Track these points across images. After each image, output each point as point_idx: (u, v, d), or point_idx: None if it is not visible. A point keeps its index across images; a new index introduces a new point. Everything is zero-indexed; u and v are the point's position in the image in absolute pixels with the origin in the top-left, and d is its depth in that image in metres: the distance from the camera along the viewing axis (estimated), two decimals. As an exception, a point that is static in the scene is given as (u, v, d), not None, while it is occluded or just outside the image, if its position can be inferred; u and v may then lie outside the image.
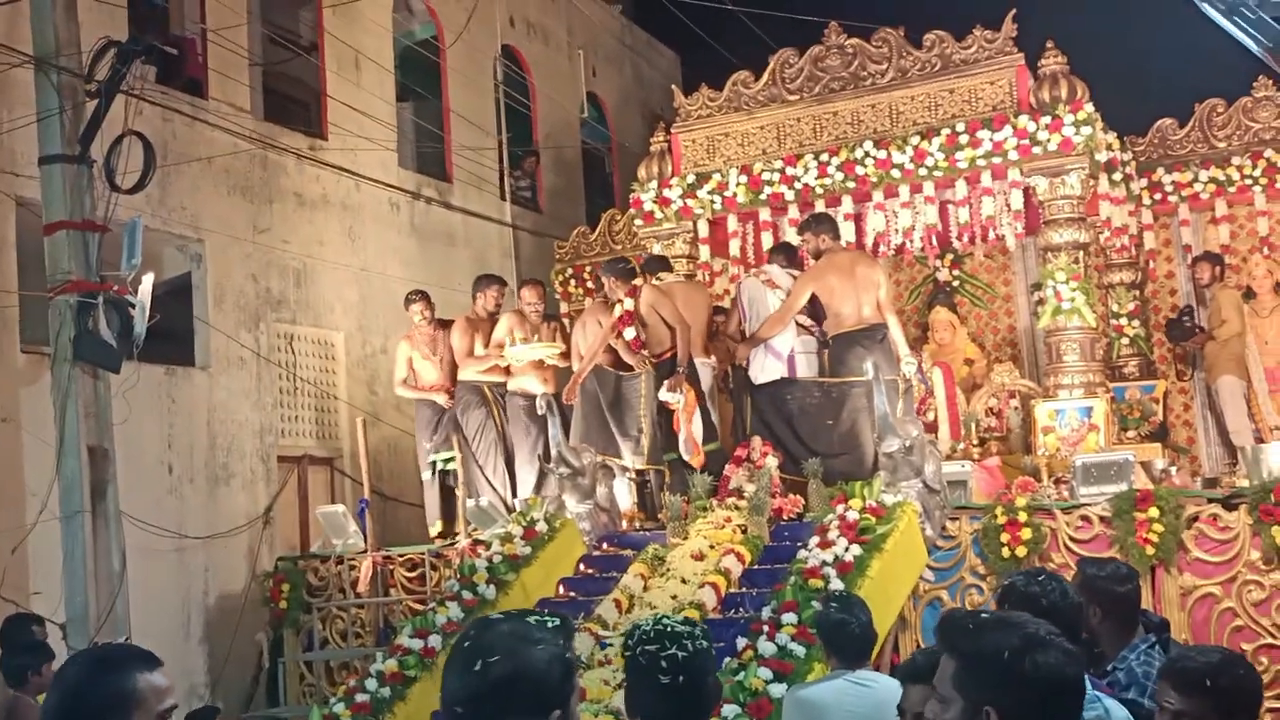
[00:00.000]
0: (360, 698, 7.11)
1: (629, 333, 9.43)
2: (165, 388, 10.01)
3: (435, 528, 10.38)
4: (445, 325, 10.63)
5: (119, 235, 8.06)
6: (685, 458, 9.18)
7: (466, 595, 7.99)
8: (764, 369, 9.16)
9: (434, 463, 10.46)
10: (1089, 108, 9.48)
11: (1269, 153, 10.73)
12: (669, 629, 3.19)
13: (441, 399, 10.48)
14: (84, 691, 2.44)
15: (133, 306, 7.93)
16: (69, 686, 2.47)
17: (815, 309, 9.27)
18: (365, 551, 9.76)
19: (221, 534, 10.31)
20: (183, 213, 10.36)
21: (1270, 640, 7.27)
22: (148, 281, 7.96)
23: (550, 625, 2.37)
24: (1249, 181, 10.80)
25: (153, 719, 2.45)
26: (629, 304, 9.39)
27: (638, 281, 9.58)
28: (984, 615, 2.52)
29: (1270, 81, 10.69)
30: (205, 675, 10.05)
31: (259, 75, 11.63)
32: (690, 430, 9.18)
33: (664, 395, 9.18)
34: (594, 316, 9.90)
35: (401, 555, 9.83)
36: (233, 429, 10.61)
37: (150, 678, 2.47)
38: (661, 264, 10.26)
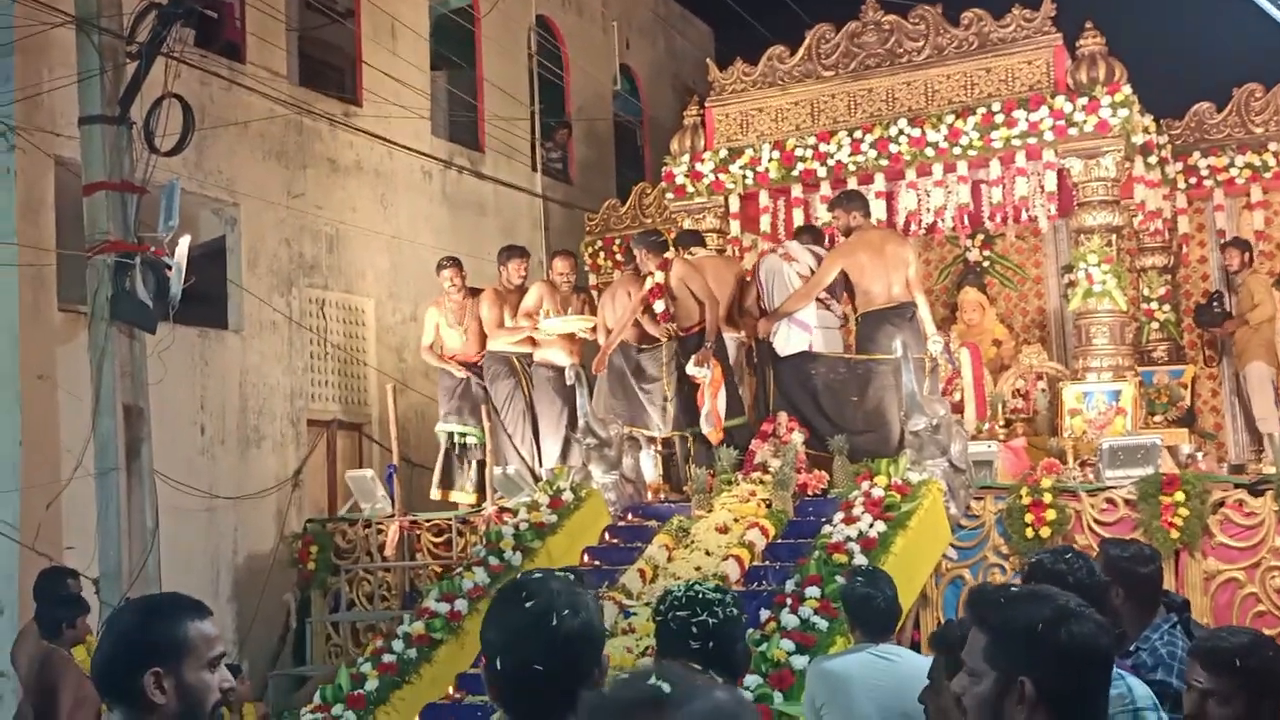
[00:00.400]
0: (387, 658, 7.22)
1: (658, 305, 9.48)
2: (199, 349, 10.12)
3: (435, 493, 10.50)
4: (474, 294, 10.68)
5: (157, 197, 8.14)
6: (705, 432, 9.22)
7: (493, 561, 8.08)
8: (789, 341, 9.19)
9: (450, 433, 10.55)
10: (1126, 90, 9.44)
11: (1306, 139, 10.67)
12: (701, 595, 3.26)
13: (458, 370, 10.54)
14: (136, 639, 2.50)
15: (169, 268, 8.02)
16: (121, 633, 2.53)
17: (833, 286, 9.31)
18: (393, 516, 9.87)
19: (251, 495, 10.43)
20: (219, 176, 10.44)
21: (1293, 626, 7.29)
22: (184, 243, 8.05)
23: (582, 585, 2.44)
24: (1285, 167, 10.74)
25: (204, 664, 2.51)
26: (659, 277, 9.43)
27: (669, 255, 9.62)
28: (1014, 589, 2.56)
29: (1311, 66, 10.63)
30: (233, 634, 10.18)
31: (295, 40, 11.68)
32: (715, 405, 9.22)
33: (691, 369, 9.22)
34: (623, 288, 9.94)
35: (428, 520, 9.93)
36: (264, 392, 10.71)
37: (200, 625, 2.53)
38: (694, 238, 10.28)
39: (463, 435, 10.49)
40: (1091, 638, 2.37)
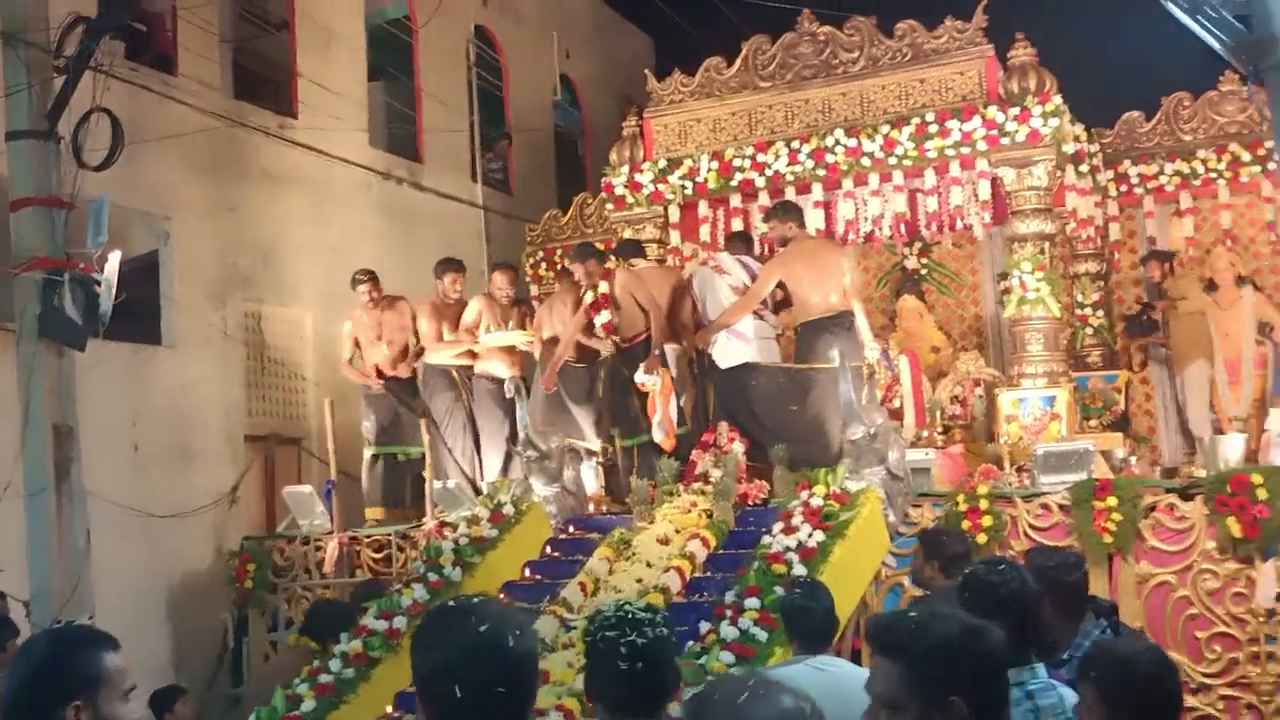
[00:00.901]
0: (324, 678, 7.12)
1: (603, 316, 9.48)
2: (131, 366, 9.97)
3: (372, 511, 10.44)
4: (392, 303, 10.63)
5: (86, 212, 8.04)
6: (658, 440, 9.23)
7: (432, 577, 8.01)
8: (728, 353, 9.22)
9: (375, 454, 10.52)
10: (1057, 100, 9.57)
11: (1233, 146, 10.85)
12: (630, 615, 3.24)
13: (375, 385, 10.50)
14: (54, 672, 2.45)
15: (99, 284, 7.92)
16: (38, 666, 2.48)
17: (768, 296, 9.37)
18: (331, 532, 9.77)
19: (186, 513, 10.28)
20: (150, 190, 10.30)
21: (1223, 628, 7.38)
22: (114, 259, 7.95)
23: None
24: (1213, 175, 10.92)
25: (119, 696, 2.47)
26: (604, 287, 9.43)
27: (610, 265, 9.64)
28: (913, 614, 2.56)
29: (1235, 76, 10.79)
30: (169, 654, 10.03)
31: (229, 52, 11.54)
32: (666, 412, 9.24)
33: (640, 378, 9.23)
34: (560, 300, 9.98)
35: (368, 536, 9.84)
36: (199, 408, 10.57)
37: (114, 658, 2.50)
38: (635, 248, 10.30)
39: (405, 456, 10.45)
40: (999, 647, 2.43)
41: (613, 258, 10.03)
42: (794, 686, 1.93)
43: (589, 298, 9.53)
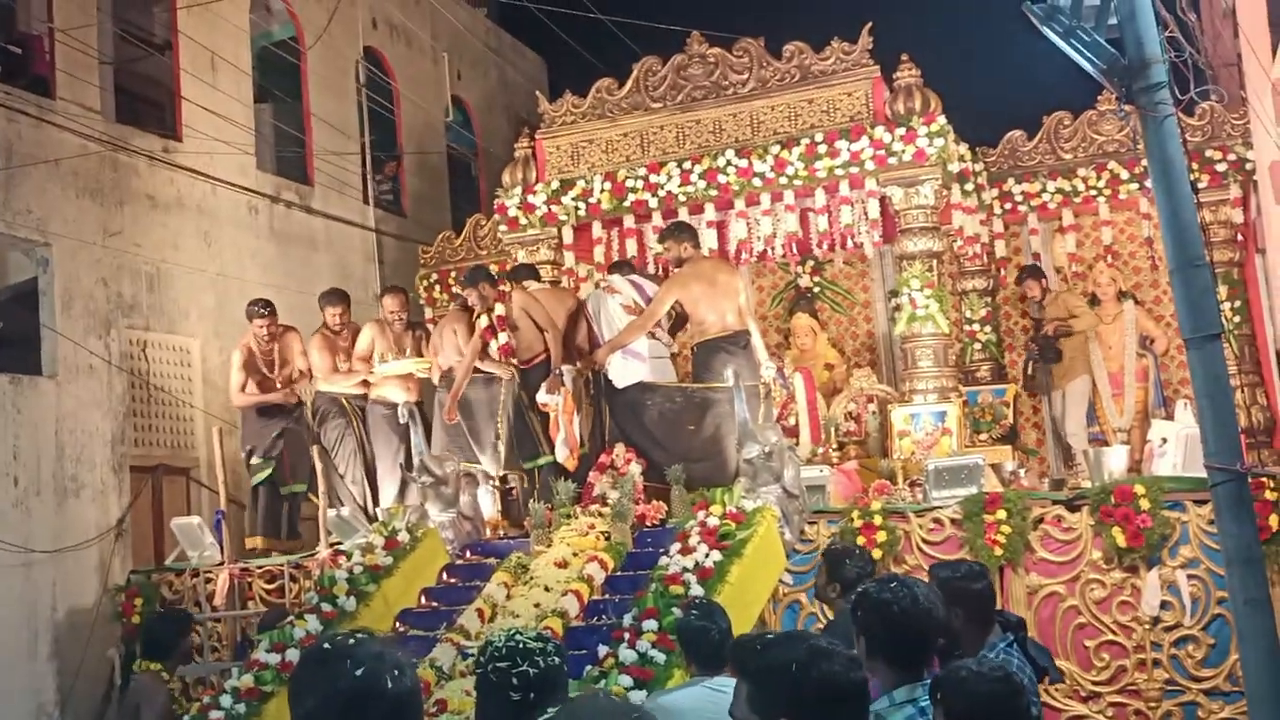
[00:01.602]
0: (215, 715, 6.95)
1: (500, 338, 9.42)
2: (10, 397, 9.66)
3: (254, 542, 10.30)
4: (287, 331, 10.53)
5: (-42, 240, 7.77)
6: (562, 459, 9.17)
7: (326, 607, 7.85)
8: (625, 372, 9.22)
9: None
10: (941, 120, 9.76)
11: (1112, 164, 11.12)
12: (521, 645, 3.21)
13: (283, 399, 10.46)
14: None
15: (-27, 314, 7.65)
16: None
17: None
18: (222, 564, 9.56)
19: (70, 547, 9.98)
20: (29, 216, 10.01)
21: (1111, 637, 7.57)
22: (-10, 288, 7.69)
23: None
24: (1094, 192, 11.19)
25: None
26: (499, 309, 9.37)
27: (505, 287, 9.60)
28: (770, 635, 2.61)
29: (1113, 95, 11.09)
30: (55, 693, 9.72)
31: (110, 75, 11.28)
32: (570, 430, 9.19)
33: (542, 398, 9.18)
34: (449, 326, 9.92)
35: (260, 567, 9.65)
36: (82, 439, 10.27)
37: None
38: (529, 271, 10.26)
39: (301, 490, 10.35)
40: (841, 674, 2.45)
41: (506, 281, 9.98)
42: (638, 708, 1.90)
43: (483, 321, 9.47)
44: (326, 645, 2.30)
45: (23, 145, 9.93)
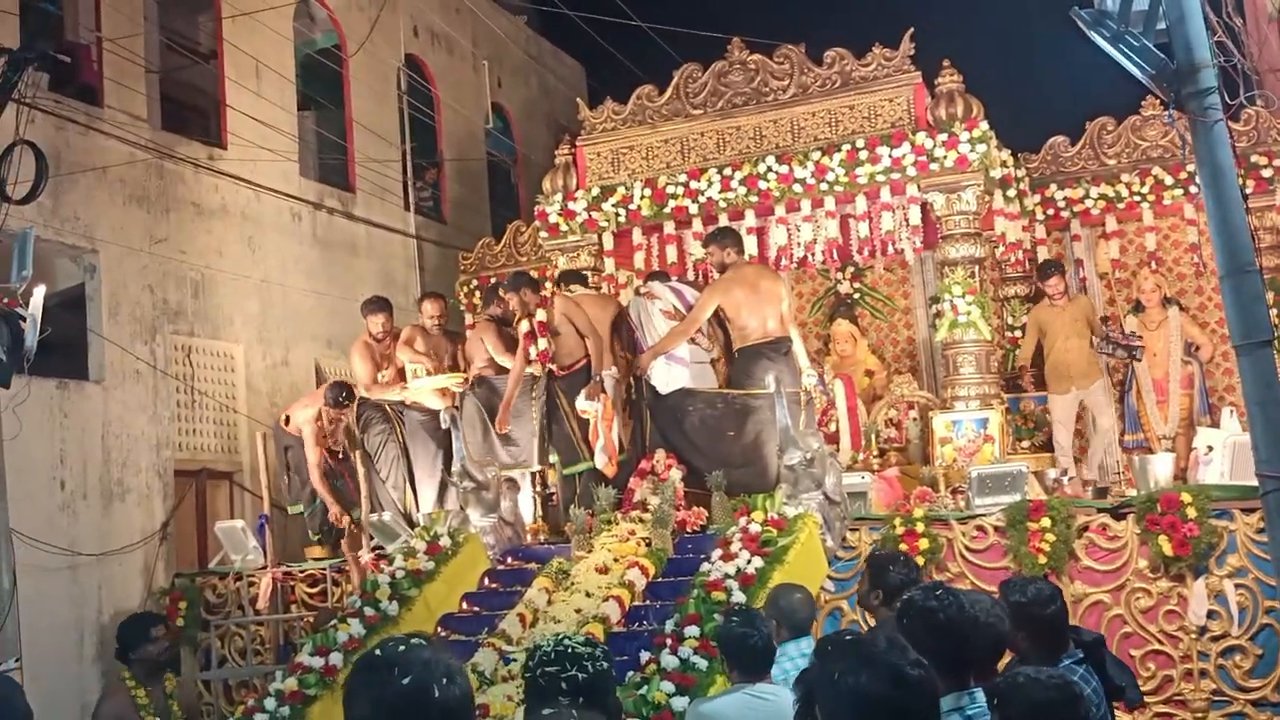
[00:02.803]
0: (259, 717, 7.01)
1: (540, 344, 9.46)
2: (57, 402, 9.78)
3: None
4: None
5: (9, 246, 7.85)
6: (600, 465, 9.18)
7: (369, 611, 7.92)
8: (669, 378, 9.22)
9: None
10: (984, 125, 9.70)
11: (1156, 170, 11.04)
12: (570, 650, 3.22)
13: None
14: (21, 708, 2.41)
15: (24, 319, 7.71)
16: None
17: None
18: (265, 567, 9.63)
19: (116, 550, 10.09)
20: (76, 223, 10.14)
21: (1157, 646, 7.49)
22: (39, 294, 7.76)
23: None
24: (1137, 198, 11.11)
25: None
26: (541, 315, 9.41)
27: (546, 292, 9.65)
28: (849, 638, 2.61)
29: (1157, 101, 11.01)
30: (99, 695, 9.80)
31: (156, 83, 11.42)
32: (609, 438, 9.20)
33: (582, 404, 9.19)
34: (479, 335, 10.00)
35: (302, 571, 9.72)
36: (128, 443, 10.39)
37: None
38: (575, 276, 10.31)
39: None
40: (863, 686, 2.46)
41: (556, 285, 10.03)
42: None
43: (525, 327, 9.50)
44: (377, 651, 2.32)
45: (71, 153, 10.05)
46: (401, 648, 2.32)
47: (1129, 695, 5.11)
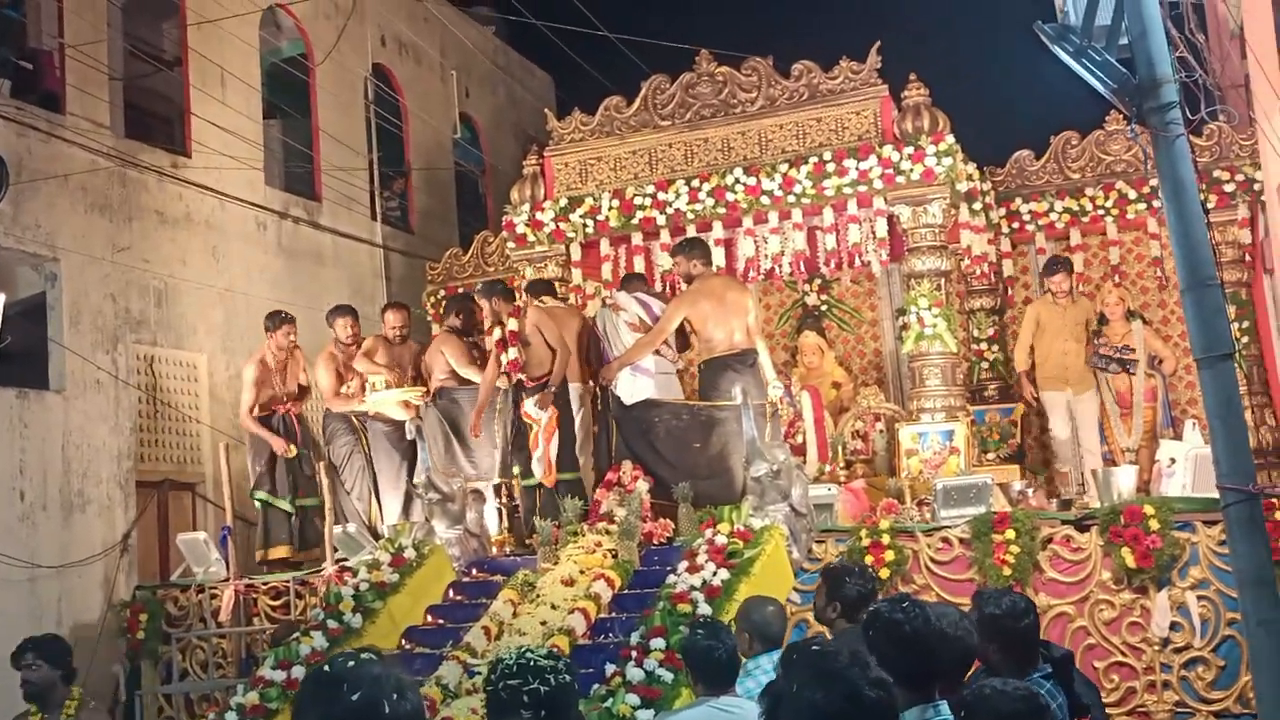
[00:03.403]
0: (221, 732, 6.94)
1: (511, 353, 9.43)
2: (17, 411, 9.66)
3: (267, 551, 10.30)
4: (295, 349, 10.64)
5: (-32, 255, 7.78)
6: (538, 478, 9.16)
7: (332, 624, 7.86)
8: (634, 389, 9.21)
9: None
10: (950, 139, 9.75)
11: (1120, 184, 11.11)
12: (532, 663, 3.19)
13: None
14: None
15: (-18, 328, 7.65)
16: None
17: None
18: (227, 579, 9.54)
19: (76, 562, 9.97)
20: (37, 230, 10.03)
21: (1120, 658, 7.52)
22: (-1, 302, 7.70)
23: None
24: (1101, 212, 11.18)
25: None
26: (512, 324, 9.38)
27: (520, 302, 9.62)
28: (814, 648, 2.58)
29: (1120, 116, 11.10)
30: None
31: (120, 90, 11.31)
32: (547, 450, 9.17)
33: (529, 408, 9.15)
34: (439, 347, 9.98)
35: (265, 583, 9.63)
36: (89, 454, 10.27)
37: None
38: (545, 286, 10.28)
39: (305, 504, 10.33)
40: (816, 703, 2.42)
41: (525, 295, 10.00)
42: None
43: (497, 334, 9.47)
44: (326, 667, 2.29)
45: (32, 160, 9.95)
46: (351, 663, 2.28)
47: (1094, 715, 5.11)
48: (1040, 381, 10.83)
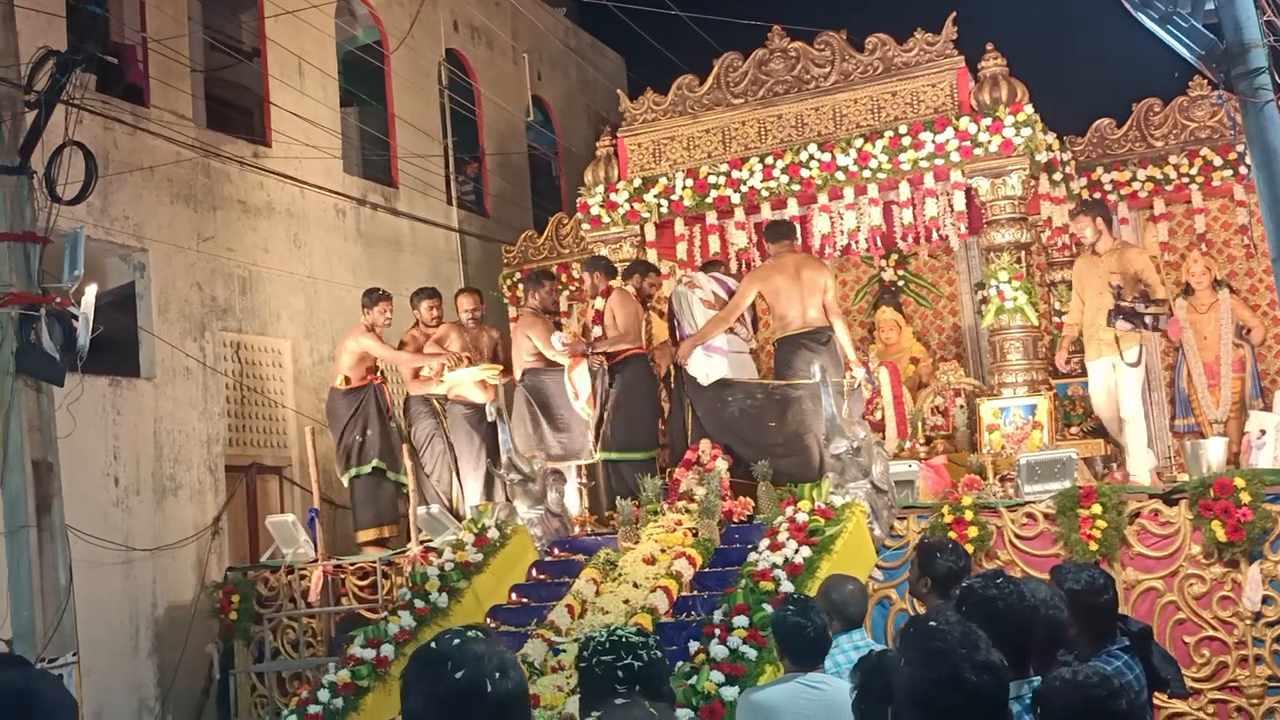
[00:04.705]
0: (313, 709, 7.09)
1: (594, 331, 9.53)
2: (110, 399, 9.91)
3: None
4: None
5: (60, 246, 7.96)
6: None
7: (419, 603, 7.98)
8: (709, 369, 9.24)
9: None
10: (1028, 109, 9.61)
11: (1205, 151, 10.91)
12: (624, 639, 3.23)
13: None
14: (68, 701, 2.41)
15: (76, 318, 7.83)
16: (56, 699, 2.43)
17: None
18: (316, 560, 9.72)
19: (169, 545, 10.22)
20: (125, 222, 10.26)
21: (1211, 633, 7.41)
22: (90, 292, 7.87)
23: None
24: (1185, 180, 10.98)
25: None
26: (599, 304, 9.52)
27: (615, 283, 9.74)
28: (931, 623, 2.56)
29: (1205, 81, 10.86)
30: (155, 688, 9.96)
31: (200, 82, 11.53)
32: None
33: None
34: (523, 331, 10.06)
35: (353, 564, 9.80)
36: (179, 439, 10.51)
37: None
38: (647, 268, 10.35)
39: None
40: (910, 680, 2.40)
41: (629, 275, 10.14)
42: None
43: (599, 304, 9.62)
44: (433, 644, 2.31)
45: (119, 153, 10.17)
46: (456, 641, 2.30)
47: (1174, 687, 5.06)
48: (1085, 351, 9.90)
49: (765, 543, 7.54)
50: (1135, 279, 9.23)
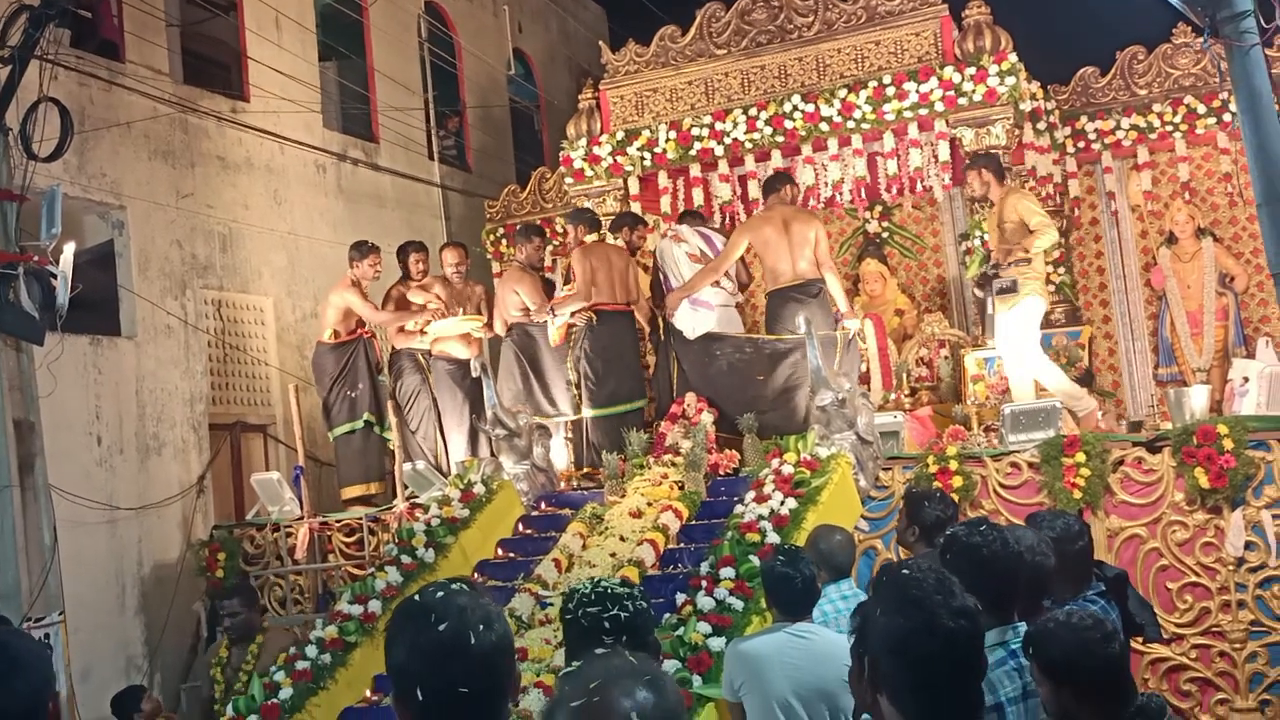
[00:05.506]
0: (301, 665, 7.09)
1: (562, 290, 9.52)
2: (91, 358, 9.84)
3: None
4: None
5: (38, 204, 7.88)
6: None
7: (405, 559, 7.99)
8: (695, 322, 9.22)
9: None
10: (1012, 58, 9.57)
11: (1188, 99, 10.87)
12: (609, 591, 3.23)
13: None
14: (46, 664, 2.41)
15: (54, 277, 7.76)
16: (39, 660, 2.44)
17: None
18: (301, 518, 9.71)
19: (154, 504, 10.19)
20: (103, 179, 10.15)
21: (1194, 578, 7.46)
22: (69, 251, 7.81)
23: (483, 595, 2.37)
24: (1169, 128, 10.95)
25: None
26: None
27: (590, 238, 9.73)
28: (904, 571, 2.56)
29: (1188, 28, 10.81)
30: (142, 646, 9.96)
31: (177, 37, 11.36)
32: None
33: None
34: (510, 285, 9.99)
35: (339, 521, 9.79)
36: (162, 398, 10.46)
37: None
38: (635, 220, 10.30)
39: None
40: (886, 629, 2.39)
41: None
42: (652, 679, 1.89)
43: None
44: (416, 597, 2.31)
45: (95, 109, 10.05)
46: (440, 593, 2.30)
47: (1148, 632, 5.13)
48: None
49: (751, 495, 7.56)
50: (1021, 224, 8.80)
